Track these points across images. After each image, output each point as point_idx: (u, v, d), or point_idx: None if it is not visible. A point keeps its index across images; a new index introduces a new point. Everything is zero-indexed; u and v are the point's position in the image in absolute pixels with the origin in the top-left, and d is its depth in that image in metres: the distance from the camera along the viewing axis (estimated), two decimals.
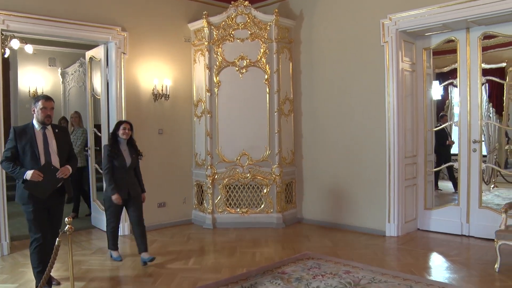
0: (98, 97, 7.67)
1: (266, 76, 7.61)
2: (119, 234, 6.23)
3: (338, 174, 7.54)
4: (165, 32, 7.81)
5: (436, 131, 8.20)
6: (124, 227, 7.23)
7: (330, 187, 7.68)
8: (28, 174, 4.38)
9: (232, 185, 7.74)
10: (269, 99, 7.64)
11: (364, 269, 5.28)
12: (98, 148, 7.85)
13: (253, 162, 7.66)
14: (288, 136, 7.96)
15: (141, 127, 7.32)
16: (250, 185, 7.73)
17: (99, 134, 7.67)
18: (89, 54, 7.93)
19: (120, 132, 5.76)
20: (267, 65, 7.62)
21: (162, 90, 7.64)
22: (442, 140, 9.40)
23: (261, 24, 7.63)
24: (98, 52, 7.52)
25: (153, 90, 7.59)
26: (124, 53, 7.26)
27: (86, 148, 8.19)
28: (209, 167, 7.65)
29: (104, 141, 7.39)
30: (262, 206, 7.70)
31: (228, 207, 7.73)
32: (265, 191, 7.67)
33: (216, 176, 7.68)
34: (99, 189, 7.82)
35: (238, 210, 7.73)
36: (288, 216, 7.86)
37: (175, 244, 6.69)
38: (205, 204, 7.85)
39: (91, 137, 7.95)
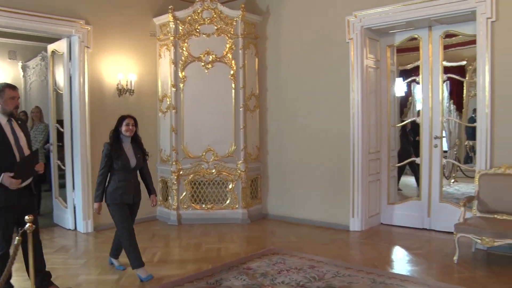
0: (61, 92, 7.50)
1: (232, 72, 7.60)
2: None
3: (303, 170, 7.60)
4: (130, 26, 7.69)
5: (409, 128, 8.45)
6: (88, 223, 7.11)
7: (295, 182, 7.73)
8: (5, 180, 4.06)
9: (197, 181, 7.70)
10: (234, 95, 7.63)
11: (328, 263, 5.34)
12: (60, 144, 7.67)
13: (218, 158, 7.64)
14: (254, 132, 7.97)
15: (105, 122, 7.19)
16: (216, 181, 7.71)
17: (61, 129, 7.50)
18: (51, 47, 7.74)
19: (123, 128, 4.99)
20: (233, 61, 7.60)
21: (126, 85, 7.53)
22: (415, 136, 9.58)
23: (228, 20, 7.60)
24: (60, 46, 7.35)
25: (117, 85, 7.47)
26: (87, 47, 7.11)
27: (47, 145, 8.00)
28: (174, 163, 7.59)
29: (67, 137, 7.26)
30: (228, 202, 7.70)
31: (193, 203, 7.70)
32: (230, 187, 7.67)
33: (181, 172, 7.63)
34: (62, 186, 7.68)
35: (204, 206, 7.70)
36: (253, 212, 7.88)
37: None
38: (170, 200, 7.79)
39: (53, 133, 7.77)
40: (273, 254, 5.74)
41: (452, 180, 10.57)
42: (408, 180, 10.25)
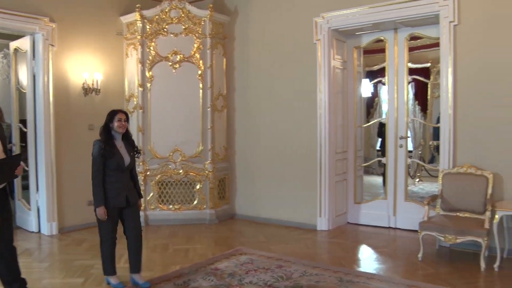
0: (24, 91, 7.32)
1: (199, 72, 7.56)
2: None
3: (271, 170, 7.63)
4: (96, 24, 7.56)
5: (383, 128, 8.60)
6: (52, 226, 6.96)
7: (263, 182, 7.75)
8: None
9: (164, 182, 7.64)
10: (202, 95, 7.60)
11: (296, 263, 5.37)
12: (24, 144, 7.49)
13: (186, 158, 7.60)
14: (221, 132, 7.95)
15: (70, 122, 7.10)
16: (183, 182, 7.66)
17: (24, 129, 7.32)
18: (13, 45, 7.54)
19: (116, 124, 4.58)
20: (200, 61, 7.57)
21: (92, 85, 7.41)
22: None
23: (196, 19, 7.56)
24: (24, 43, 7.17)
25: (83, 84, 7.34)
26: (52, 45, 6.96)
27: (9, 145, 7.79)
28: (141, 164, 7.51)
29: (31, 137, 7.09)
30: (195, 202, 7.66)
31: (160, 204, 7.63)
32: (198, 187, 7.64)
33: (148, 173, 7.56)
34: (25, 187, 7.48)
35: (171, 206, 7.64)
36: (221, 212, 7.87)
37: None
38: None
39: (16, 133, 7.58)
40: (241, 254, 5.74)
41: (417, 180, 10.81)
42: (374, 180, 10.42)
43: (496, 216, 5.13)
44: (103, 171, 4.54)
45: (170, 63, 7.54)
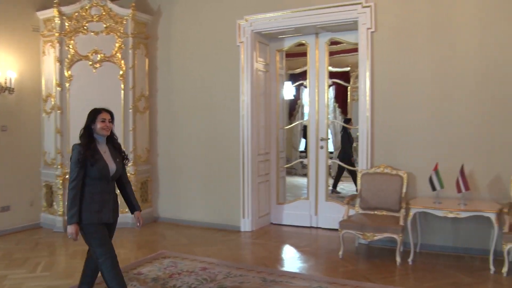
0: None
1: (121, 72, 7.37)
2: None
3: (195, 172, 7.58)
4: (10, 19, 7.13)
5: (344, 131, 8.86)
6: None
7: (186, 184, 7.68)
8: None
9: None
10: (123, 96, 7.41)
11: (220, 264, 5.37)
12: None
13: None
14: (143, 134, 7.79)
15: None
16: None
17: None
18: None
19: (99, 125, 3.90)
20: (122, 61, 7.38)
21: (5, 83, 7.01)
22: (350, 139, 9.91)
23: (117, 18, 7.37)
24: None
25: None
26: None
27: None
28: (59, 167, 7.20)
29: None
30: None
31: None
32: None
33: (67, 176, 7.26)
34: None
35: None
36: (143, 216, 7.62)
37: (21, 251, 6.16)
38: (55, 206, 7.37)
39: None
40: (164, 258, 5.66)
41: None
42: (296, 180, 10.62)
43: (410, 213, 5.42)
44: (83, 181, 3.81)
45: (90, 63, 7.29)
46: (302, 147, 12.02)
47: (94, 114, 3.98)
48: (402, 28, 6.01)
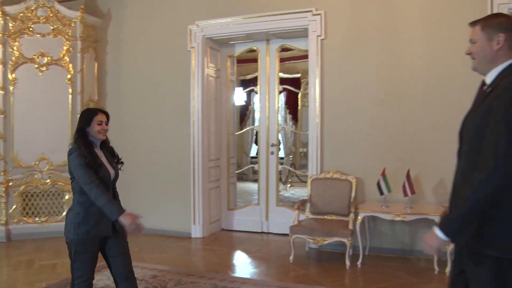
0: None
1: (69, 76, 7.18)
2: None
3: (145, 178, 7.46)
4: None
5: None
6: None
7: (136, 190, 7.55)
8: None
9: (29, 193, 7.12)
10: (71, 100, 7.21)
11: (170, 271, 5.31)
12: None
13: (53, 167, 7.15)
14: None
15: None
16: (51, 192, 7.20)
17: None
18: None
19: (95, 128, 3.54)
20: (70, 64, 7.19)
21: None
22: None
23: (65, 20, 7.17)
24: None
25: None
26: None
27: None
28: (1, 174, 6.92)
29: None
30: (64, 213, 7.23)
31: (25, 216, 7.08)
32: (67, 197, 7.22)
33: (10, 183, 6.98)
34: None
35: (37, 219, 7.13)
36: None
37: None
38: None
39: None
40: (105, 268, 5.52)
41: (289, 185, 11.26)
42: (248, 186, 10.65)
43: (359, 217, 5.53)
44: (79, 190, 3.42)
45: (36, 66, 7.05)
46: (253, 153, 12.07)
47: (89, 115, 3.58)
48: (351, 36, 6.15)
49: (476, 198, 2.15)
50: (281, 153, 10.87)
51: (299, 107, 11.73)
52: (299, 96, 11.56)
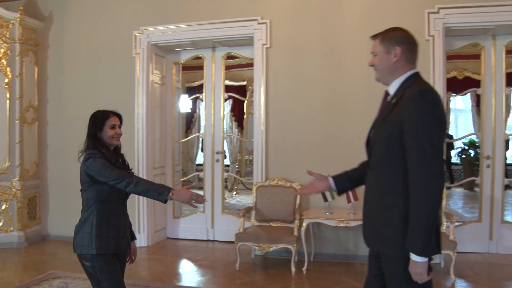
0: None
1: (6, 80, 6.90)
2: None
3: None
4: None
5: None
6: None
7: (79, 200, 7.29)
8: None
9: None
10: (9, 106, 6.93)
11: None
12: None
13: None
14: (32, 147, 7.34)
15: None
16: None
17: None
18: None
19: (109, 133, 3.25)
20: (8, 68, 6.91)
21: None
22: None
23: (3, 21, 6.88)
24: None
25: None
26: None
27: None
28: None
29: None
30: (0, 224, 6.94)
31: None
32: (3, 207, 6.92)
33: None
34: None
35: None
36: (31, 234, 7.24)
37: None
38: None
39: None
40: (54, 278, 5.36)
41: (234, 193, 11.27)
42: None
43: (304, 224, 5.62)
44: (90, 200, 3.17)
45: None
46: (199, 160, 12.01)
47: (101, 119, 3.25)
48: (295, 45, 6.27)
49: (430, 208, 2.24)
50: (227, 161, 10.88)
51: (244, 115, 11.79)
52: (245, 104, 11.63)
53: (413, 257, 2.26)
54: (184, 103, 10.55)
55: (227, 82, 7.38)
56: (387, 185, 2.45)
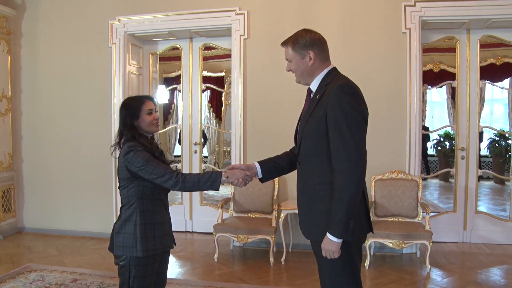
0: None
1: None
2: None
3: (64, 178, 7.18)
4: None
5: None
6: None
7: (55, 192, 7.26)
8: None
9: None
10: None
11: (92, 274, 5.17)
12: None
13: None
14: (5, 138, 7.20)
15: None
16: None
17: None
18: None
19: (146, 120, 2.93)
20: None
21: None
22: None
23: None
24: None
25: None
26: None
27: None
28: None
29: None
30: None
31: None
32: None
33: None
34: None
35: None
36: (6, 227, 7.13)
37: None
38: None
39: None
40: (30, 272, 5.29)
41: None
42: None
43: (282, 215, 5.65)
44: (134, 196, 2.87)
45: None
46: (177, 152, 11.94)
47: (136, 105, 2.94)
48: (272, 36, 6.23)
49: (350, 195, 2.39)
50: (205, 152, 10.85)
51: (223, 106, 11.75)
52: (223, 95, 11.58)
53: (329, 236, 2.45)
54: (162, 94, 10.46)
55: (205, 73, 7.35)
56: (318, 176, 2.57)
